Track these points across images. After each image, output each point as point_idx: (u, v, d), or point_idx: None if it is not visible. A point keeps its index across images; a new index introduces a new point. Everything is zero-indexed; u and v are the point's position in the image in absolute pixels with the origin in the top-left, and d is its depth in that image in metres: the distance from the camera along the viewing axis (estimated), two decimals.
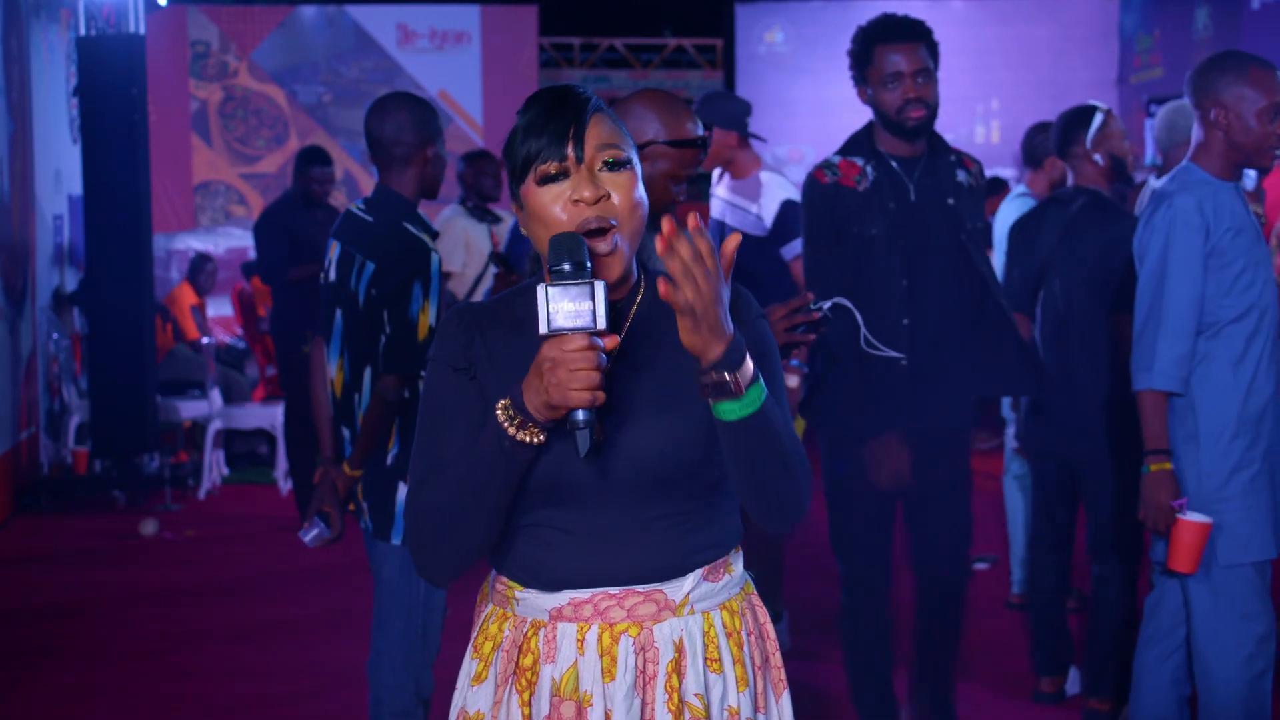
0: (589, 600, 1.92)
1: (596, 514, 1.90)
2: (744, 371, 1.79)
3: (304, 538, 3.58)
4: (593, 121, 1.89)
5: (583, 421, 1.77)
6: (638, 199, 1.89)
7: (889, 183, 3.73)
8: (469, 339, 1.94)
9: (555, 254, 1.78)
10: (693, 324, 1.75)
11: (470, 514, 1.87)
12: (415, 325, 3.43)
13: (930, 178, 3.77)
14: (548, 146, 1.87)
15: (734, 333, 1.78)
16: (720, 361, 1.77)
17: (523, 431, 1.80)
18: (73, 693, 5.01)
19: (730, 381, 1.78)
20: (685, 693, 1.92)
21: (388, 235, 3.51)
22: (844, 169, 3.75)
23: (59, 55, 9.84)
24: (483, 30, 13.05)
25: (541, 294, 1.75)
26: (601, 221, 1.86)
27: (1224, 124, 3.41)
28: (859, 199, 3.71)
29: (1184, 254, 3.35)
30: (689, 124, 2.91)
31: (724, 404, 1.81)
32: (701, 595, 1.96)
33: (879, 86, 3.72)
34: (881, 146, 3.78)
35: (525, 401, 1.79)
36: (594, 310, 1.75)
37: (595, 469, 1.87)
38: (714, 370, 1.78)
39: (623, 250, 1.88)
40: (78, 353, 9.30)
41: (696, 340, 1.76)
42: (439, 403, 1.94)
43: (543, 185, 1.88)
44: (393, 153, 3.59)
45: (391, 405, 3.45)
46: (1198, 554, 3.34)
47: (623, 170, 1.89)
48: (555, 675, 1.92)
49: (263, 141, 12.84)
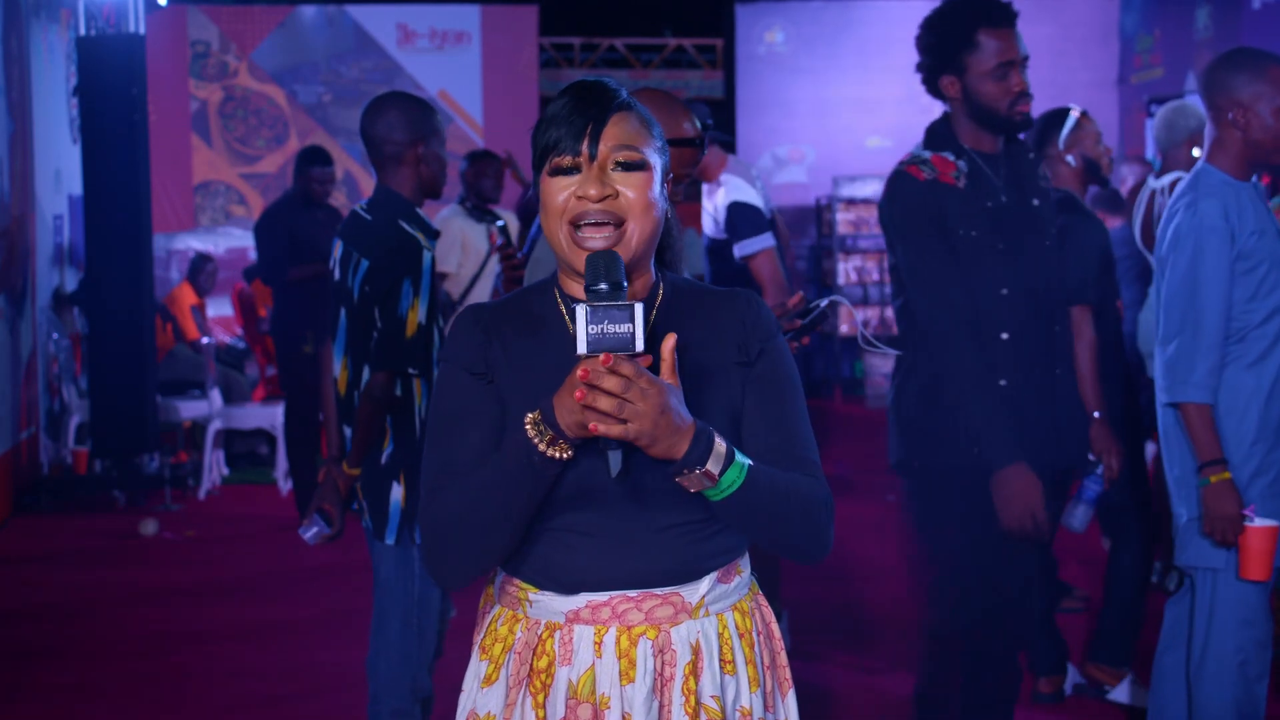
0: (607, 603, 1.91)
1: (617, 518, 1.89)
2: (715, 455, 1.79)
3: (304, 535, 3.60)
4: (614, 120, 1.89)
5: (615, 443, 1.76)
6: (651, 199, 1.89)
7: (982, 181, 3.36)
8: (485, 341, 1.93)
9: (592, 272, 1.77)
10: (646, 444, 1.74)
11: (493, 525, 1.86)
12: (404, 322, 3.44)
13: (1014, 176, 3.42)
14: (564, 139, 1.87)
15: (692, 422, 1.77)
16: (687, 458, 1.77)
17: (553, 448, 1.79)
18: (73, 693, 5.01)
19: (702, 474, 1.79)
20: (702, 694, 1.92)
21: (382, 233, 3.53)
22: (939, 164, 3.35)
23: (59, 55, 9.84)
24: (483, 30, 13.05)
25: (581, 314, 1.73)
26: (602, 218, 1.86)
27: (1242, 123, 3.36)
28: (959, 197, 3.33)
29: (1215, 262, 3.28)
30: (686, 123, 2.92)
31: (706, 490, 1.81)
32: (716, 597, 1.96)
33: (983, 76, 3.29)
34: (965, 142, 3.39)
35: (557, 418, 1.78)
36: (634, 333, 1.73)
37: (619, 477, 1.86)
38: (684, 469, 1.78)
39: (630, 244, 1.87)
40: (78, 353, 9.30)
41: (656, 453, 1.76)
42: (453, 406, 1.92)
43: (554, 176, 1.89)
44: (384, 151, 3.61)
45: (380, 402, 3.46)
46: (1270, 559, 3.28)
47: (636, 171, 1.88)
48: (572, 678, 1.91)
49: (263, 141, 12.83)
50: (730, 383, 1.94)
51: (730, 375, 1.94)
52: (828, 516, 1.94)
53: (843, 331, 12.54)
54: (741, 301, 1.98)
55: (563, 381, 1.78)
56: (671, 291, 1.98)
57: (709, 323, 1.96)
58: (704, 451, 1.77)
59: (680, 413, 1.75)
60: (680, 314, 1.94)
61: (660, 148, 1.94)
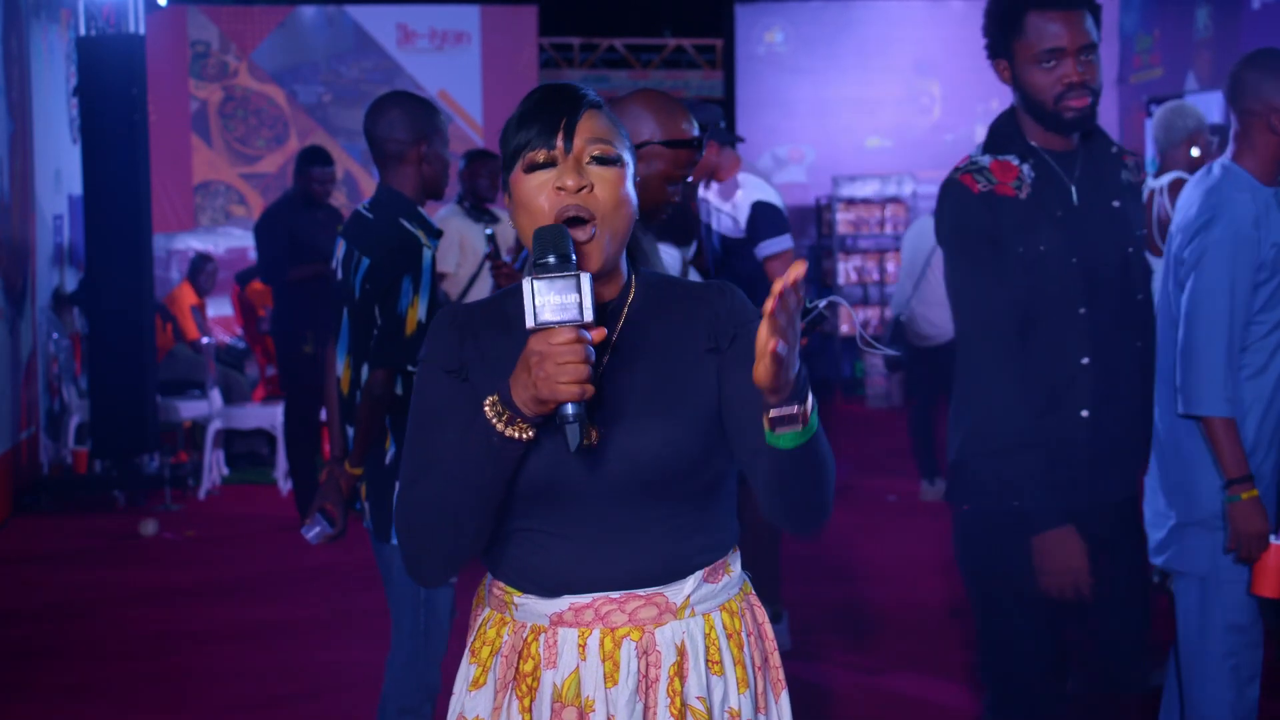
0: (590, 605, 1.91)
1: (593, 517, 1.89)
2: (808, 400, 1.78)
3: (306, 534, 3.60)
4: (586, 116, 1.89)
5: (572, 415, 1.75)
6: (623, 195, 1.88)
7: (1050, 185, 2.98)
8: (460, 340, 1.94)
9: (540, 246, 1.77)
10: (779, 369, 1.69)
11: (460, 513, 1.86)
12: (403, 320, 3.45)
13: (1091, 176, 3.03)
14: (537, 135, 1.87)
15: (800, 367, 1.76)
16: (794, 394, 1.75)
17: (511, 427, 1.79)
18: (73, 693, 5.01)
19: (799, 414, 1.76)
20: (687, 696, 1.92)
21: (383, 232, 3.54)
22: (998, 172, 2.97)
23: (59, 55, 9.84)
24: (483, 30, 13.05)
25: (527, 287, 1.74)
26: (581, 211, 1.85)
27: (1277, 126, 3.31)
28: (1021, 209, 2.94)
29: (1244, 274, 3.21)
30: (684, 124, 2.93)
31: (786, 434, 1.78)
32: (702, 597, 1.95)
33: (1029, 64, 2.95)
34: (1032, 139, 3.01)
35: (513, 397, 1.78)
36: (580, 303, 1.73)
37: (590, 472, 1.86)
38: (787, 404, 1.75)
39: (603, 244, 1.87)
40: (78, 353, 9.30)
41: (773, 379, 1.71)
42: (429, 404, 1.93)
43: (529, 173, 1.88)
44: (386, 150, 3.62)
45: (380, 400, 3.47)
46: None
47: (611, 166, 1.88)
48: (557, 681, 1.91)
49: (263, 141, 12.84)
50: (705, 371, 1.93)
51: (702, 364, 1.93)
52: (834, 477, 1.94)
53: (843, 331, 12.55)
54: (714, 291, 1.98)
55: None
56: (644, 287, 1.97)
57: (683, 314, 1.95)
58: (805, 392, 1.76)
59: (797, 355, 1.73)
60: (654, 309, 1.94)
61: (629, 147, 1.94)
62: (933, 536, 7.07)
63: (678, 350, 1.92)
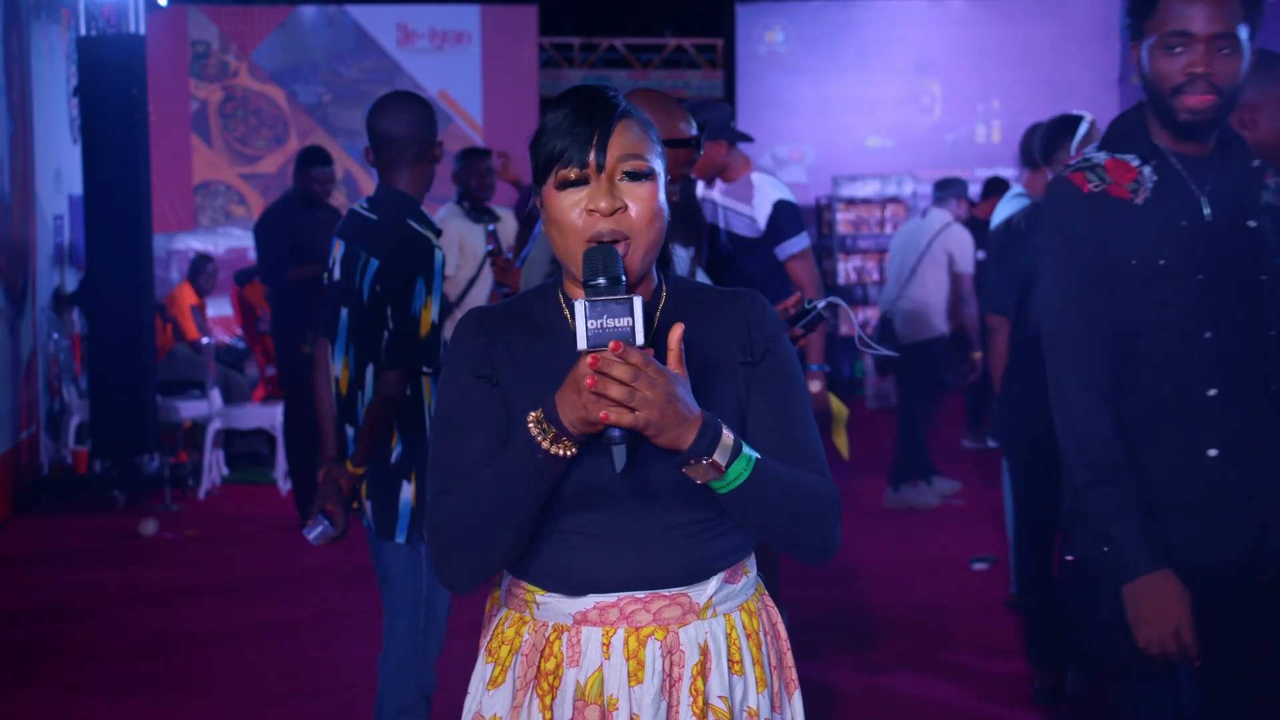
0: (615, 604, 1.91)
1: (624, 519, 1.89)
2: (723, 447, 1.79)
3: (308, 535, 3.60)
4: (619, 129, 1.87)
5: (619, 438, 1.75)
6: (657, 209, 1.88)
7: (1175, 193, 2.61)
8: (489, 344, 1.93)
9: (590, 268, 1.77)
10: (654, 434, 1.74)
11: (499, 526, 1.86)
12: (418, 321, 3.45)
13: (1226, 189, 2.64)
14: (570, 149, 1.86)
15: (700, 412, 1.77)
16: (694, 448, 1.77)
17: (557, 445, 1.79)
18: (73, 693, 5.01)
19: (710, 465, 1.78)
20: (710, 695, 1.92)
21: (392, 232, 3.53)
22: (1113, 171, 2.62)
23: (59, 55, 9.84)
24: (483, 30, 13.05)
25: (580, 309, 1.73)
26: (614, 235, 1.85)
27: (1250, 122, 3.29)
28: (1137, 215, 2.58)
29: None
30: (682, 124, 2.93)
31: (713, 483, 1.81)
32: (723, 597, 1.96)
33: (1155, 48, 2.56)
34: (1158, 140, 2.63)
35: (560, 416, 1.77)
36: (634, 326, 1.73)
37: (627, 476, 1.86)
38: (691, 459, 1.78)
39: (636, 260, 1.87)
40: (78, 353, 9.31)
41: (664, 442, 1.76)
42: (458, 410, 1.92)
43: (562, 190, 1.87)
44: (407, 152, 3.61)
45: (393, 401, 3.46)
46: None
47: (644, 181, 1.88)
48: (580, 679, 1.91)
49: (263, 141, 12.84)
50: (735, 381, 1.94)
51: (735, 374, 1.94)
52: (834, 515, 1.94)
53: (843, 332, 12.55)
54: (745, 300, 1.99)
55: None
56: (675, 292, 1.98)
57: (713, 322, 1.96)
58: (711, 442, 1.77)
59: (688, 403, 1.75)
60: (684, 314, 1.94)
61: (660, 153, 1.94)
62: (933, 537, 7.07)
63: (709, 357, 1.93)
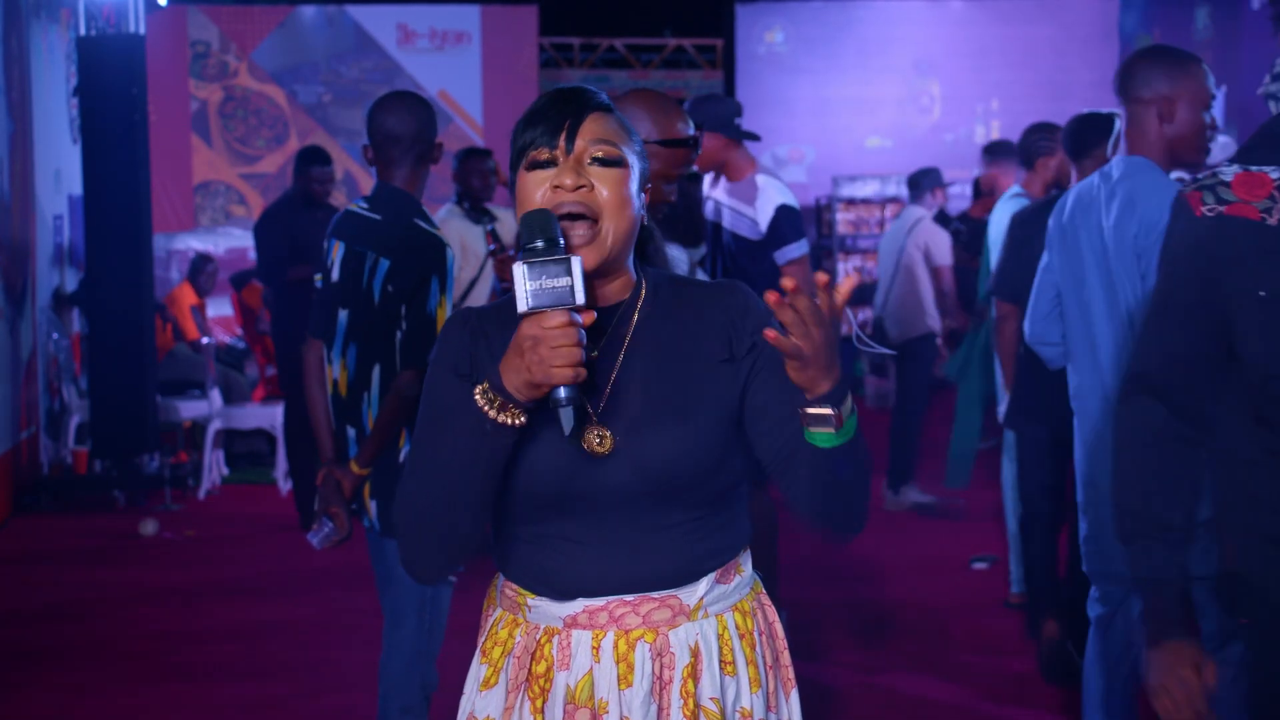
0: (604, 607, 1.91)
1: (606, 522, 1.89)
2: (846, 405, 1.80)
3: (312, 539, 3.58)
4: (591, 118, 1.89)
5: (565, 399, 1.75)
6: (625, 195, 1.88)
7: None
8: (472, 343, 1.94)
9: (527, 231, 1.78)
10: (800, 365, 1.74)
11: (453, 504, 1.85)
12: (434, 320, 3.45)
13: None
14: (541, 135, 1.88)
15: (840, 370, 1.78)
16: (826, 397, 1.77)
17: (504, 414, 1.79)
18: (73, 693, 5.01)
19: (834, 416, 1.78)
20: (701, 697, 1.92)
21: (401, 232, 3.52)
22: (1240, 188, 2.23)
23: (59, 55, 9.84)
24: (483, 30, 13.05)
25: (518, 271, 1.74)
26: (577, 207, 1.85)
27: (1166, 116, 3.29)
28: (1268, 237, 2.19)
29: None
30: (680, 124, 2.94)
31: (821, 433, 1.80)
32: (715, 598, 1.95)
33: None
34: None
35: (505, 382, 1.78)
36: (572, 286, 1.73)
37: (603, 478, 1.85)
38: (819, 404, 1.78)
39: (605, 242, 1.87)
40: (78, 353, 9.30)
41: (802, 378, 1.76)
42: (439, 406, 1.93)
43: (530, 170, 1.89)
44: (410, 151, 3.61)
45: (409, 400, 3.46)
46: None
47: (613, 167, 1.88)
48: (570, 682, 1.91)
49: (263, 141, 12.84)
50: (719, 376, 1.92)
51: (717, 372, 1.92)
52: (870, 486, 1.95)
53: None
54: (725, 291, 1.97)
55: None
56: (654, 288, 1.97)
57: (695, 317, 1.95)
58: (842, 396, 1.78)
59: (836, 357, 1.76)
60: (665, 310, 1.93)
61: (640, 152, 1.94)
62: (933, 537, 7.07)
63: (690, 353, 1.92)
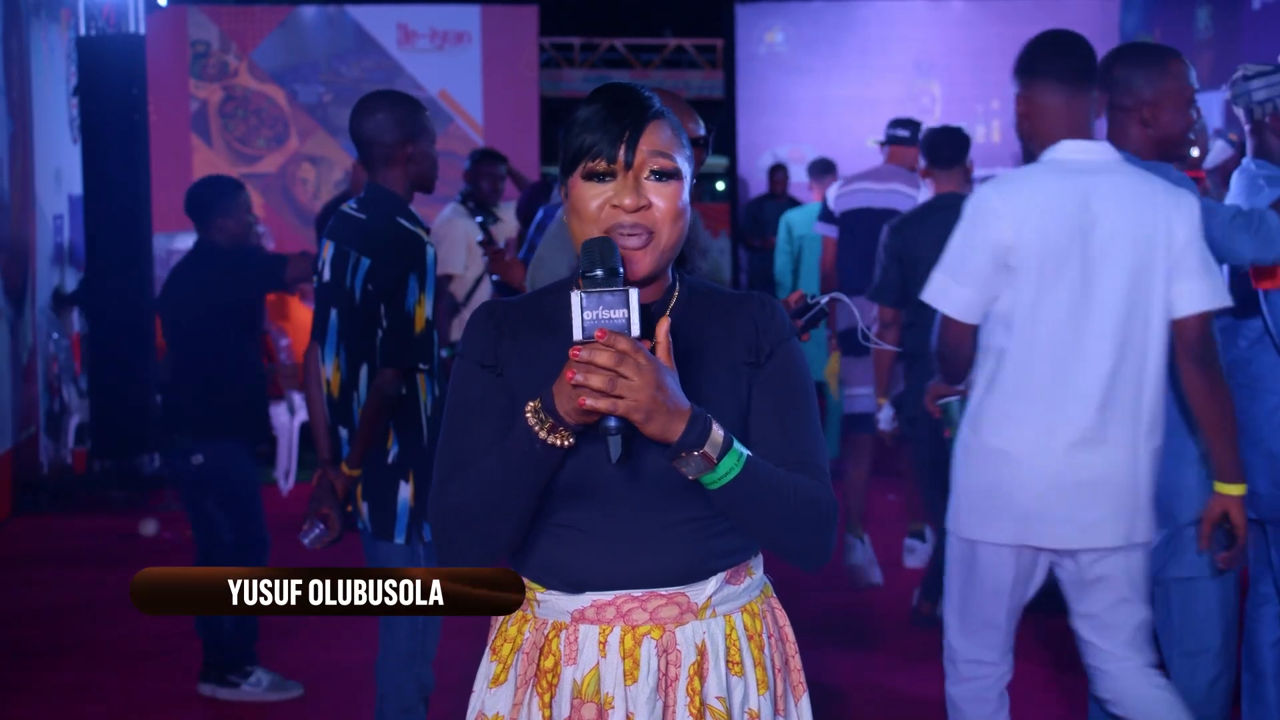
0: (611, 602, 1.92)
1: (621, 516, 1.90)
2: (712, 441, 1.78)
3: (303, 540, 3.59)
4: (650, 128, 1.89)
5: (615, 428, 1.75)
6: (680, 208, 1.89)
7: None
8: (498, 335, 1.94)
9: (588, 259, 1.77)
10: (641, 420, 1.73)
11: (497, 515, 1.87)
12: (412, 319, 3.44)
13: None
14: (600, 144, 1.87)
15: (689, 406, 1.76)
16: (683, 439, 1.76)
17: (553, 435, 1.79)
18: (73, 693, 5.01)
19: (700, 457, 1.78)
20: (707, 695, 1.93)
21: (381, 231, 3.53)
22: None
23: (59, 55, 9.83)
24: (483, 30, 13.04)
25: (575, 300, 1.74)
26: (635, 230, 1.86)
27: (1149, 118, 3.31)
28: None
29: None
30: (691, 123, 2.94)
31: (703, 478, 1.80)
32: (723, 598, 1.96)
33: None
34: None
35: (556, 405, 1.78)
36: (629, 318, 1.74)
37: (623, 471, 1.87)
38: (680, 451, 1.77)
39: (654, 255, 1.88)
40: (78, 353, 9.30)
41: (652, 431, 1.75)
42: (465, 400, 1.94)
43: (588, 181, 1.88)
44: (373, 152, 3.62)
45: (389, 399, 3.46)
46: None
47: (669, 181, 1.88)
48: (577, 677, 1.92)
49: (263, 141, 12.83)
50: (739, 383, 1.94)
51: (739, 375, 1.94)
52: (829, 522, 1.93)
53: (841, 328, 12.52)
54: (755, 303, 1.99)
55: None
56: (688, 292, 1.99)
57: (722, 323, 1.97)
58: (700, 435, 1.77)
59: (676, 394, 1.75)
60: (695, 314, 1.95)
61: (689, 156, 1.95)
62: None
63: (714, 357, 1.94)
